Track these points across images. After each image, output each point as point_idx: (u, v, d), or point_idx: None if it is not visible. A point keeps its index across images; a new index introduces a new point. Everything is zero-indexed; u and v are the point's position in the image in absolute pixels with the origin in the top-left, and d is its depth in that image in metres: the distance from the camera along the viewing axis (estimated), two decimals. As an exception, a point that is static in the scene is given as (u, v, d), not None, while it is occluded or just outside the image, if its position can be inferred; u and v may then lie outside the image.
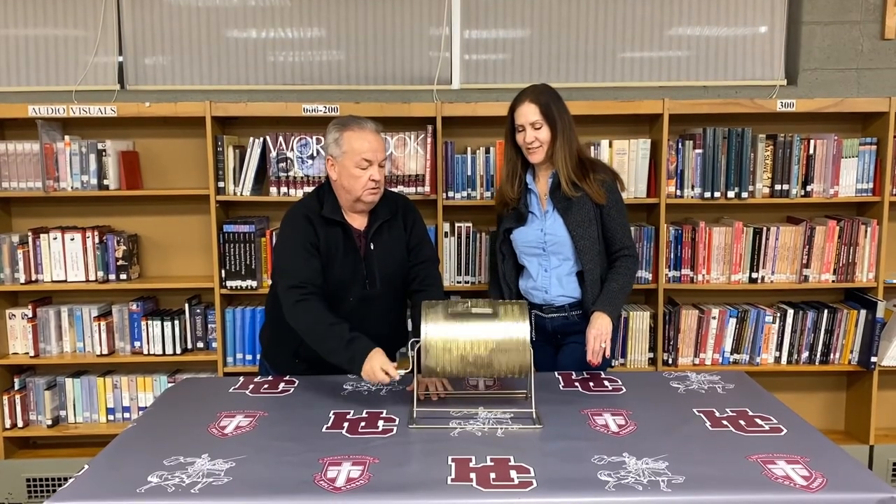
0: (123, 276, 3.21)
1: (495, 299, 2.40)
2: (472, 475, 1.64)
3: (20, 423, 3.25)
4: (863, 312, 3.20)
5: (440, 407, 2.06)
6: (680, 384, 2.27)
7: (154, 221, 3.37)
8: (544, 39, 3.42)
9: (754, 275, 3.21)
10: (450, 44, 3.40)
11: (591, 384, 2.26)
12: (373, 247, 2.36)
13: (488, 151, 3.17)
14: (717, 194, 3.16)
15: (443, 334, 1.94)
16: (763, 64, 3.43)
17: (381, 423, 1.96)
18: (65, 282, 3.19)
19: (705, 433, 1.88)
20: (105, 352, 3.23)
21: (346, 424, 1.95)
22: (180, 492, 1.58)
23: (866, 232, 3.18)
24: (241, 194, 3.17)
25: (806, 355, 3.25)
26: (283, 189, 3.17)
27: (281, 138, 3.15)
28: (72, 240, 3.18)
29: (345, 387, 2.25)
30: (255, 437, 1.88)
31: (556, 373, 2.36)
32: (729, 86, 3.40)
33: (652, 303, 3.27)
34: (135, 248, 3.30)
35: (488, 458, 1.73)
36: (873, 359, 3.19)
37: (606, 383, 2.27)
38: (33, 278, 3.21)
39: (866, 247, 3.19)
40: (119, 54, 3.39)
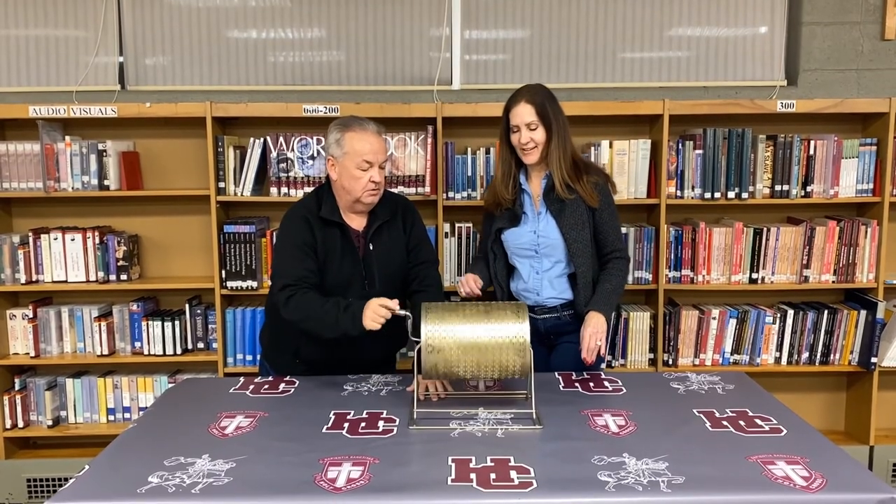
0: (124, 277, 3.21)
1: (481, 275, 2.42)
2: (473, 475, 1.64)
3: (21, 424, 3.25)
4: (863, 313, 3.21)
5: (440, 407, 2.06)
6: (680, 385, 2.27)
7: (154, 222, 3.37)
8: (544, 40, 3.42)
9: (754, 275, 3.21)
10: (450, 44, 3.40)
11: (592, 385, 2.26)
12: (372, 247, 2.36)
13: (488, 152, 3.17)
14: (718, 195, 3.16)
15: (442, 335, 1.94)
16: (763, 64, 3.43)
17: (381, 423, 1.96)
18: (65, 282, 3.20)
19: (705, 434, 1.88)
20: (105, 352, 3.23)
21: (346, 425, 1.95)
22: (181, 492, 1.58)
23: (866, 232, 3.18)
24: (242, 195, 3.17)
25: (806, 356, 3.25)
26: (284, 189, 3.17)
27: (281, 139, 3.15)
28: (72, 240, 3.18)
29: (345, 387, 2.25)
30: (255, 438, 1.88)
31: (556, 373, 2.36)
32: (729, 86, 3.40)
33: (652, 303, 3.28)
34: (135, 248, 3.31)
35: (488, 458, 1.72)
36: (873, 359, 3.19)
37: (606, 384, 2.27)
38: (34, 279, 3.21)
39: (866, 247, 3.19)
40: (119, 55, 3.40)
